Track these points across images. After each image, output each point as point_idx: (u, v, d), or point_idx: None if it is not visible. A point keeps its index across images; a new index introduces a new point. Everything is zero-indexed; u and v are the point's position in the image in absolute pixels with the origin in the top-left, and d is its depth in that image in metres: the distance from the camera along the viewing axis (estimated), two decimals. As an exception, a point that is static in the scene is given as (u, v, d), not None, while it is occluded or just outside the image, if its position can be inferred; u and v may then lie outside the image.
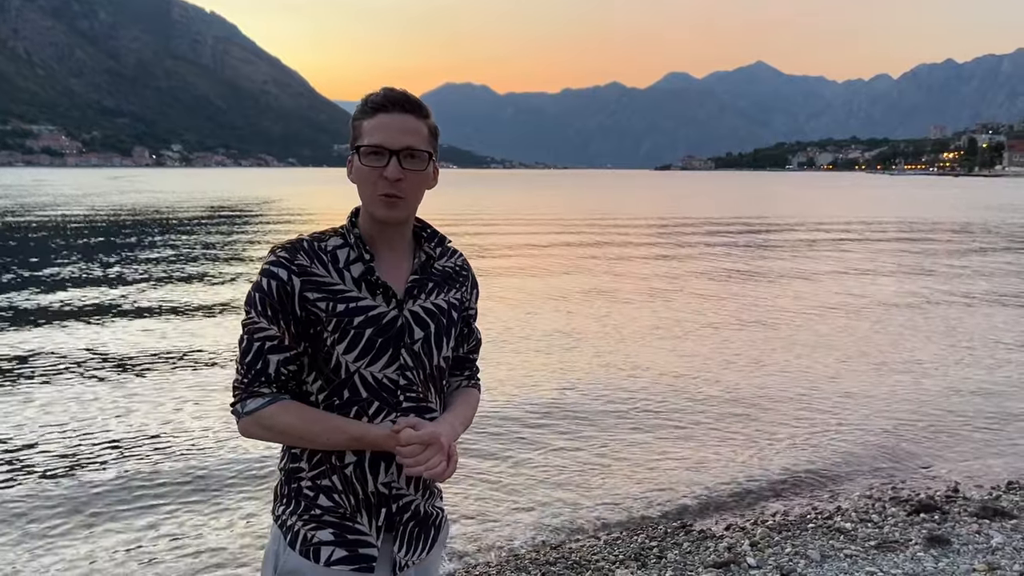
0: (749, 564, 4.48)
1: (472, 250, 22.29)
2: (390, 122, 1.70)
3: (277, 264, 1.70)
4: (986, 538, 4.81)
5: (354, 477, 1.75)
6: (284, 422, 1.71)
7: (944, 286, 16.34)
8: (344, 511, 1.75)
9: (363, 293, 1.73)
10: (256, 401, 1.71)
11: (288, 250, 1.72)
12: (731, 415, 7.55)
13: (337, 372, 1.73)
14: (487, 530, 5.15)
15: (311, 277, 1.70)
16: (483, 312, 1.92)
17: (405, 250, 1.82)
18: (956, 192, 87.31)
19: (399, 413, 1.75)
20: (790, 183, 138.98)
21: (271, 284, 1.69)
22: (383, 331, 1.73)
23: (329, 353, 1.72)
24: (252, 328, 1.72)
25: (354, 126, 1.75)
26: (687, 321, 12.27)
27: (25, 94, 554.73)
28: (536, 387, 8.42)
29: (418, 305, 1.79)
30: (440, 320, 1.82)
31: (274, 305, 1.69)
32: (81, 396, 7.90)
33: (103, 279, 16.19)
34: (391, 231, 1.78)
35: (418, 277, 1.80)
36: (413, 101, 1.73)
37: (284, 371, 1.73)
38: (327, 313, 1.70)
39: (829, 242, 26.90)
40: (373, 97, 1.73)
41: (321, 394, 1.75)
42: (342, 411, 1.73)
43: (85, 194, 63.45)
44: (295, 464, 1.79)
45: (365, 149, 1.70)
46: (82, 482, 5.80)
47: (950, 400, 8.10)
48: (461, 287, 1.91)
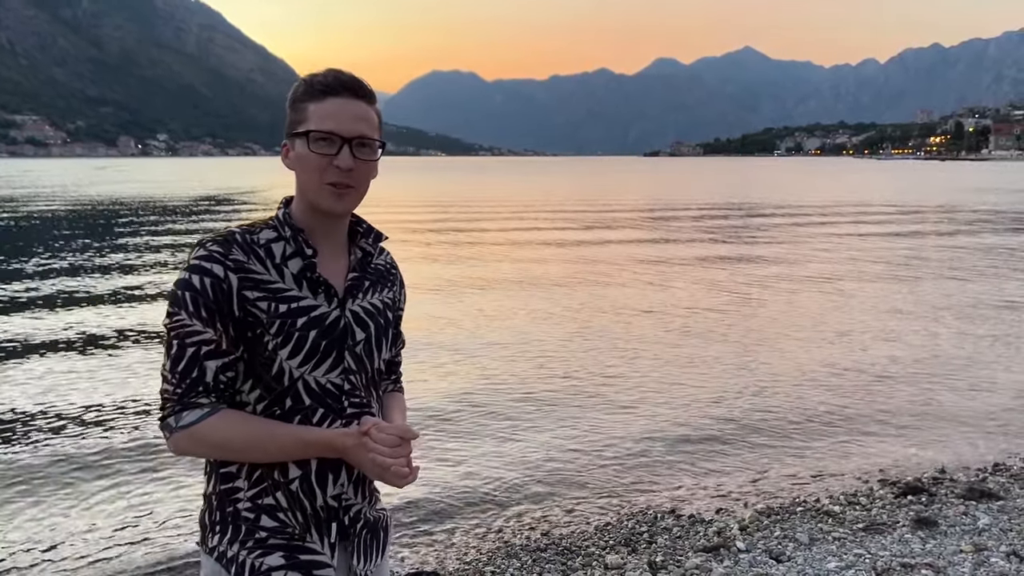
0: (739, 548, 4.51)
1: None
2: (343, 107, 1.58)
3: (210, 259, 1.55)
4: (973, 519, 4.85)
5: (300, 492, 1.61)
6: (225, 434, 1.55)
7: (932, 267, 16.42)
8: (292, 530, 1.61)
9: (304, 292, 1.60)
10: (193, 413, 1.54)
11: (221, 244, 1.57)
12: (719, 400, 7.57)
13: (279, 379, 1.58)
14: (477, 518, 5.15)
15: (249, 274, 1.56)
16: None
17: (342, 246, 1.70)
18: (945, 176, 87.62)
19: (343, 420, 1.62)
20: (778, 168, 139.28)
21: (204, 281, 1.53)
22: (327, 333, 1.61)
23: (270, 358, 1.57)
24: (184, 332, 1.54)
25: (296, 107, 1.61)
26: (675, 304, 12.29)
27: (8, 84, 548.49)
28: (524, 374, 8.43)
29: (358, 304, 1.68)
30: (379, 321, 1.72)
31: (209, 305, 1.53)
32: (44, 374, 8.03)
33: (88, 268, 16.10)
34: (331, 224, 1.66)
35: (357, 275, 1.69)
36: (364, 86, 1.63)
37: (222, 378, 1.56)
38: (268, 314, 1.56)
39: (814, 225, 26.96)
40: (321, 78, 1.60)
41: (260, 404, 1.60)
42: (284, 421, 1.59)
43: (76, 184, 62.93)
44: (229, 484, 1.62)
45: (315, 135, 1.57)
46: (35, 454, 6.02)
47: (936, 382, 8.15)
48: (392, 286, 1.80)
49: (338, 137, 1.57)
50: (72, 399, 7.49)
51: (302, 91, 1.61)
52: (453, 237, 23.01)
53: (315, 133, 1.57)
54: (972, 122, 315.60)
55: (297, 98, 1.61)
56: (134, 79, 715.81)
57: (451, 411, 7.19)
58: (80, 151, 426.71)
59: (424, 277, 14.40)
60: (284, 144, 1.67)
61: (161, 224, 27.88)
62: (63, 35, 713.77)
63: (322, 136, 1.57)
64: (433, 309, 11.73)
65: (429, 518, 5.13)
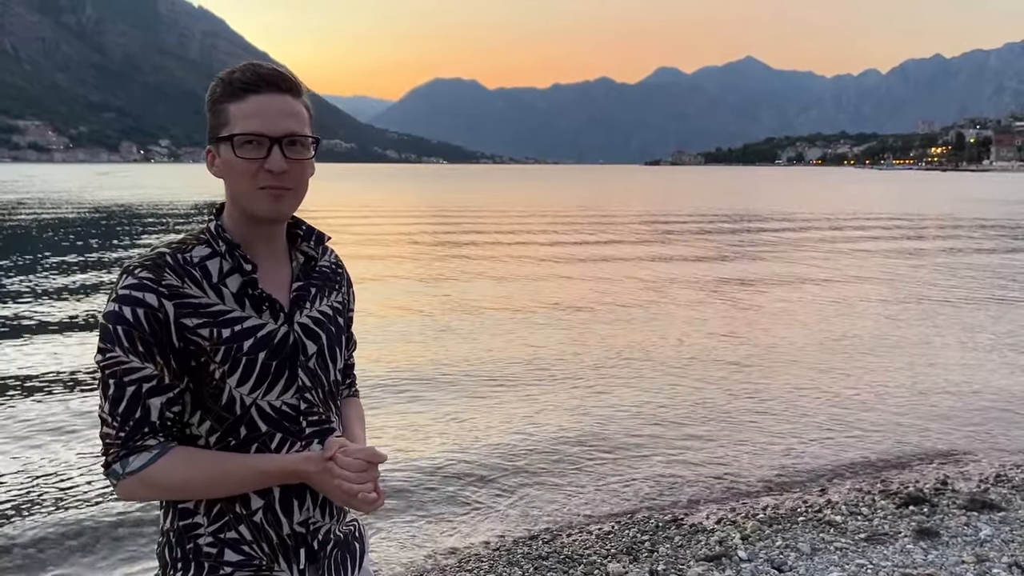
0: (740, 557, 4.51)
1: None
2: (267, 104, 1.44)
3: (140, 288, 1.40)
4: (975, 530, 4.85)
5: (265, 523, 1.50)
6: (179, 476, 1.43)
7: (934, 280, 16.42)
8: (259, 561, 1.51)
9: (247, 311, 1.47)
10: (141, 457, 1.42)
11: (150, 268, 1.42)
12: (720, 411, 7.57)
13: (230, 408, 1.46)
14: (479, 525, 5.15)
15: (185, 299, 1.42)
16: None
17: (282, 253, 1.58)
18: (949, 187, 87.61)
19: (303, 442, 1.53)
20: (780, 178, 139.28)
21: (137, 312, 1.39)
22: (276, 352, 1.49)
23: (219, 388, 1.45)
24: (120, 370, 1.41)
25: (216, 110, 1.47)
26: (678, 315, 12.30)
27: (12, 89, 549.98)
28: (522, 379, 8.43)
29: (306, 316, 1.56)
30: (329, 329, 1.60)
31: (145, 338, 1.39)
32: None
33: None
34: (269, 231, 1.52)
35: (302, 283, 1.57)
36: (288, 78, 1.47)
37: (168, 415, 1.44)
38: (211, 341, 1.43)
39: (817, 241, 26.98)
40: (239, 75, 1.45)
41: (212, 436, 1.48)
42: (240, 451, 1.48)
43: (81, 188, 63.03)
44: (187, 520, 1.50)
45: (240, 139, 1.43)
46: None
47: (938, 394, 8.14)
48: (339, 288, 1.69)
49: (265, 138, 1.43)
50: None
51: (220, 91, 1.46)
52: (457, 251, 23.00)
53: (239, 137, 1.43)
54: (973, 133, 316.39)
55: (216, 99, 1.47)
56: (137, 85, 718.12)
57: (449, 413, 7.20)
58: (82, 156, 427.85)
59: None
60: (208, 150, 1.51)
61: (178, 227, 27.94)
62: (67, 41, 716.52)
63: (247, 139, 1.43)
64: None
65: (430, 525, 5.13)
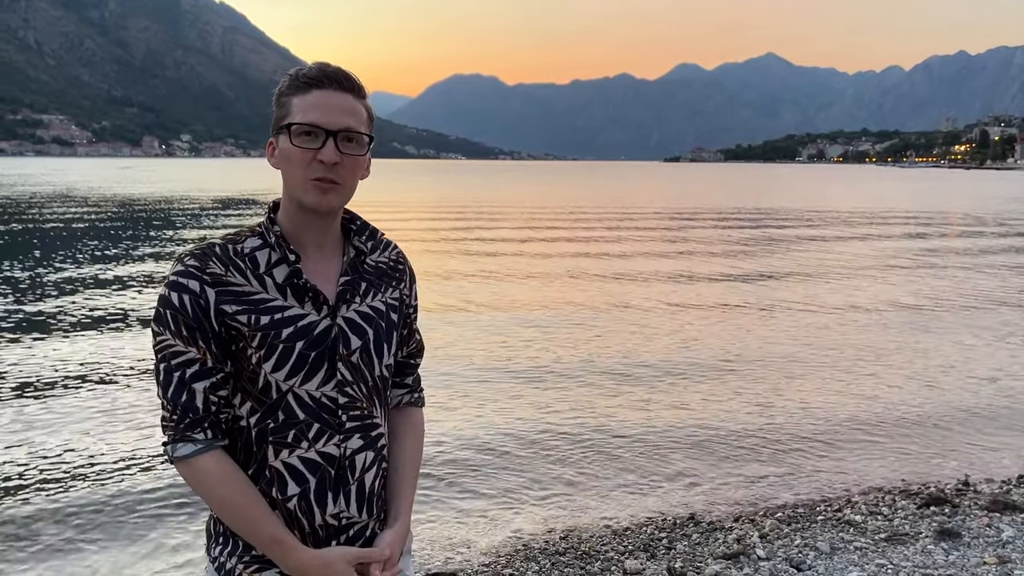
0: (759, 555, 4.49)
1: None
2: (327, 100, 1.50)
3: (186, 275, 1.49)
4: (997, 531, 4.80)
5: (299, 511, 1.55)
6: (207, 481, 1.52)
7: (954, 282, 16.25)
8: None
9: (289, 301, 1.53)
10: (187, 447, 1.51)
11: (198, 257, 1.51)
12: (741, 409, 7.54)
13: (267, 393, 1.52)
14: (496, 520, 5.17)
15: (227, 287, 1.50)
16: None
17: (334, 247, 1.62)
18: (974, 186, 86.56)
19: (343, 436, 1.57)
20: (800, 176, 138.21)
21: (182, 298, 1.48)
22: (315, 344, 1.53)
23: (255, 372, 1.51)
24: (168, 353, 1.50)
25: (281, 102, 1.53)
26: (700, 308, 12.26)
27: (35, 84, 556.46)
28: (540, 376, 8.43)
29: (353, 310, 1.59)
30: (379, 325, 1.62)
31: (189, 323, 1.48)
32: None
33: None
34: (319, 224, 1.57)
35: (350, 278, 1.60)
36: (352, 79, 1.54)
37: (213, 399, 1.51)
38: (249, 327, 1.50)
39: (837, 240, 26.78)
40: (306, 71, 1.53)
41: (252, 417, 1.54)
42: (278, 435, 1.53)
43: (107, 183, 63.59)
44: None
45: (297, 128, 1.49)
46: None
47: (961, 394, 8.07)
48: (399, 284, 1.70)
49: (322, 130, 1.49)
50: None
51: (287, 85, 1.53)
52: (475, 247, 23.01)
53: (297, 127, 1.49)
54: (998, 131, 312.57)
55: (282, 92, 1.54)
56: (159, 80, 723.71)
57: (476, 418, 7.21)
58: (105, 151, 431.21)
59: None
60: (269, 142, 1.58)
61: (211, 220, 28.15)
62: (89, 36, 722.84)
63: (305, 129, 1.49)
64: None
65: (447, 519, 5.16)
